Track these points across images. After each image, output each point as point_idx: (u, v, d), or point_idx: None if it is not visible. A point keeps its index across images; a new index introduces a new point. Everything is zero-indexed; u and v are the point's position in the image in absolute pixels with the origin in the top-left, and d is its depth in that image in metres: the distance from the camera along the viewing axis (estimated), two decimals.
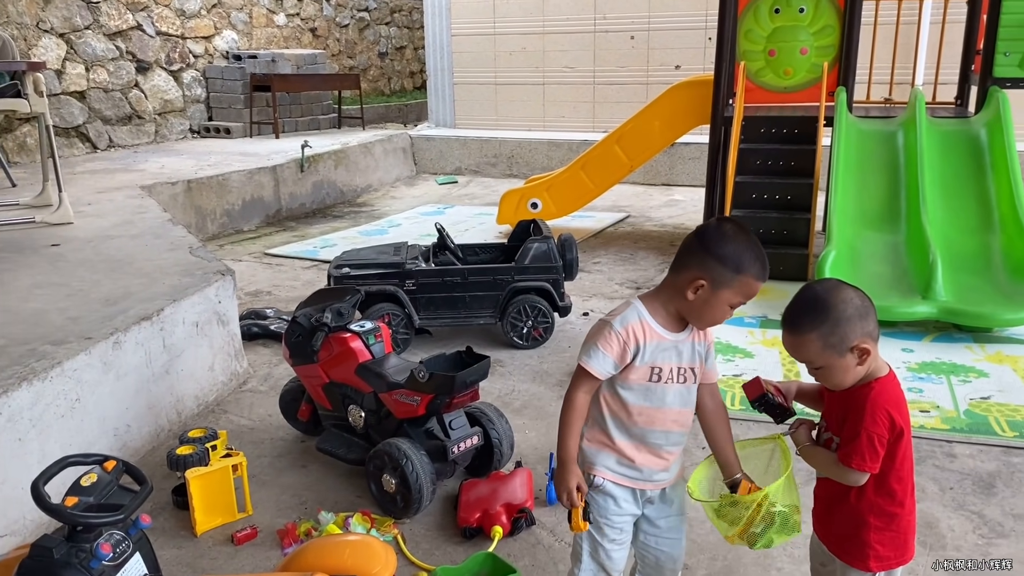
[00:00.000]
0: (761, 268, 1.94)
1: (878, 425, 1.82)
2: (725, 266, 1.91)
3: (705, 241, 1.95)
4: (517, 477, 3.01)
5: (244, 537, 2.86)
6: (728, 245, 1.92)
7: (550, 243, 4.56)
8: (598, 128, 10.09)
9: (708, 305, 1.95)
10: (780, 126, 6.14)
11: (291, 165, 8.47)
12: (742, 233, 1.95)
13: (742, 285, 1.93)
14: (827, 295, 1.86)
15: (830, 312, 1.83)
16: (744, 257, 1.91)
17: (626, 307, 2.02)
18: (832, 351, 1.84)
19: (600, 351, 1.97)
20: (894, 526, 1.92)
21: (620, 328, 1.96)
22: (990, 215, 5.13)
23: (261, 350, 4.65)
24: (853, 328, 1.83)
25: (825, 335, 1.83)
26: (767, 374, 4.10)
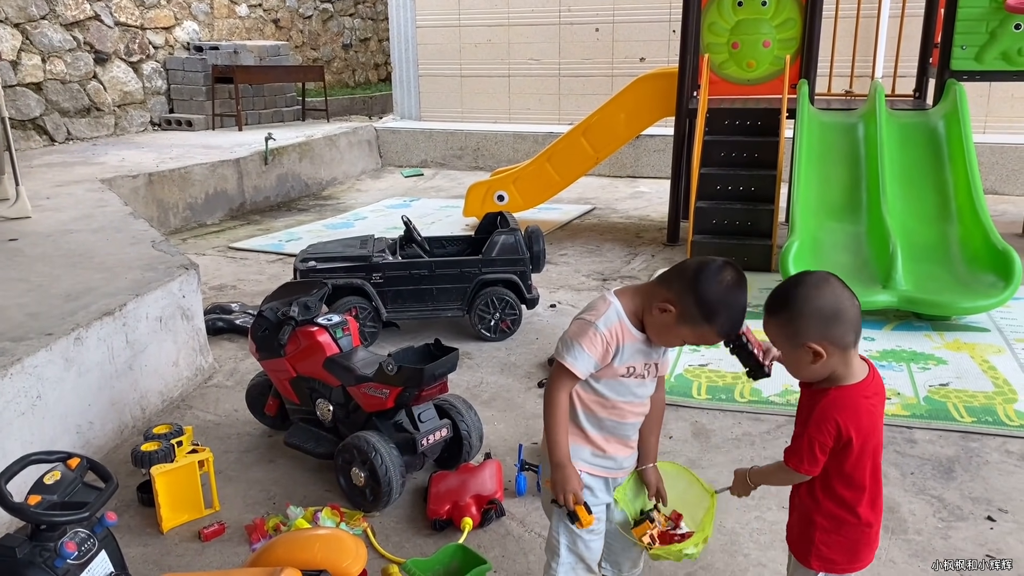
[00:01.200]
0: (730, 327, 1.94)
1: (821, 432, 1.82)
2: (699, 309, 1.90)
3: (699, 277, 1.91)
4: (486, 469, 3.02)
5: (211, 533, 2.84)
6: (715, 293, 1.90)
7: (517, 235, 4.57)
8: (564, 120, 10.11)
9: (664, 329, 1.97)
10: (743, 118, 6.20)
11: (255, 158, 8.37)
12: (736, 288, 1.91)
13: (704, 332, 1.94)
14: (795, 289, 1.85)
15: (790, 306, 1.83)
16: (721, 313, 1.91)
17: (604, 305, 2.00)
18: (786, 342, 1.86)
19: (584, 352, 1.96)
20: (844, 532, 1.91)
21: (604, 330, 1.97)
22: (948, 205, 5.23)
23: (227, 345, 4.60)
24: (809, 327, 1.81)
25: (781, 325, 1.86)
26: (732, 363, 4.15)
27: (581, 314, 2.03)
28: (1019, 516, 2.85)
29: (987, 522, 2.82)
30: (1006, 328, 4.56)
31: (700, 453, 3.34)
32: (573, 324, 2.03)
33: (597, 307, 2.01)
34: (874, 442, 1.87)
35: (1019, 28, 5.47)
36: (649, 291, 2.00)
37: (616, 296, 2.02)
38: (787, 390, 3.83)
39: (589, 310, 2.02)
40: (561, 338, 2.03)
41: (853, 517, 1.90)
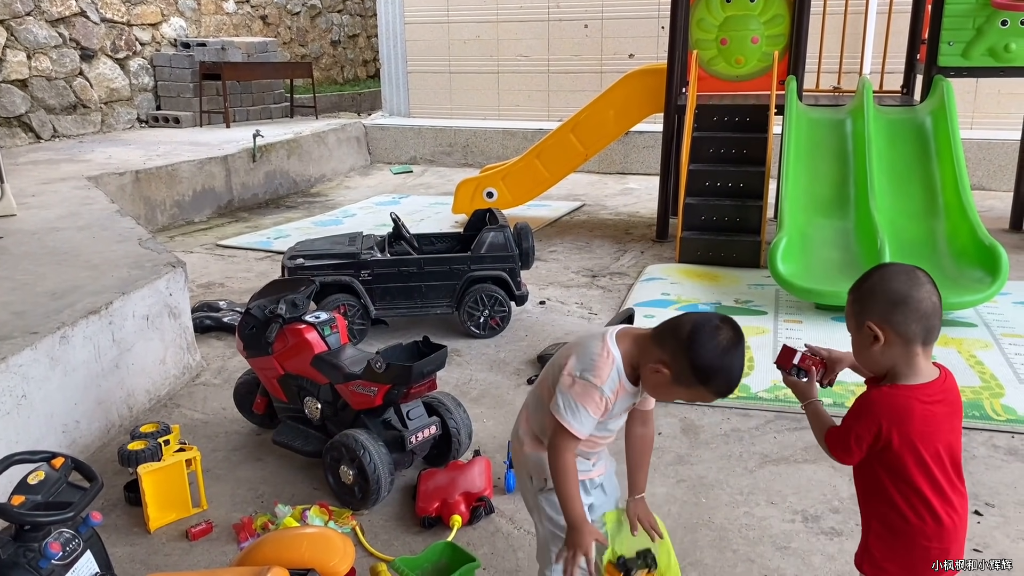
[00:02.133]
0: (727, 389, 1.91)
1: (860, 424, 1.78)
2: (693, 372, 1.88)
3: (693, 339, 1.88)
4: (475, 466, 3.01)
5: (199, 532, 2.82)
6: (709, 357, 1.87)
7: (506, 232, 4.56)
8: (553, 117, 10.10)
9: (660, 388, 1.97)
10: (732, 114, 6.21)
11: (243, 155, 8.33)
12: (732, 351, 1.89)
13: (699, 393, 1.93)
14: (877, 270, 1.84)
15: (865, 283, 1.82)
16: (717, 376, 1.88)
17: (608, 364, 1.96)
18: (853, 319, 1.83)
19: (589, 415, 1.96)
20: (901, 541, 1.83)
21: (609, 394, 1.96)
22: (935, 201, 5.25)
23: (214, 343, 4.58)
24: (873, 306, 1.77)
25: (853, 301, 1.84)
26: None
27: (584, 370, 1.96)
28: (1006, 510, 2.87)
29: (974, 516, 2.83)
30: (993, 323, 4.58)
31: (689, 449, 3.34)
32: (575, 382, 1.96)
33: (600, 366, 1.96)
34: (933, 450, 1.77)
35: (1006, 24, 5.49)
36: (645, 346, 1.97)
37: (617, 345, 1.99)
38: (775, 386, 3.84)
39: (592, 368, 1.96)
40: (562, 392, 1.97)
41: (907, 526, 1.81)
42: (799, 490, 3.04)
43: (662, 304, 4.94)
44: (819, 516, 2.87)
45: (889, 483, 1.81)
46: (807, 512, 2.90)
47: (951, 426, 1.81)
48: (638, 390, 2.02)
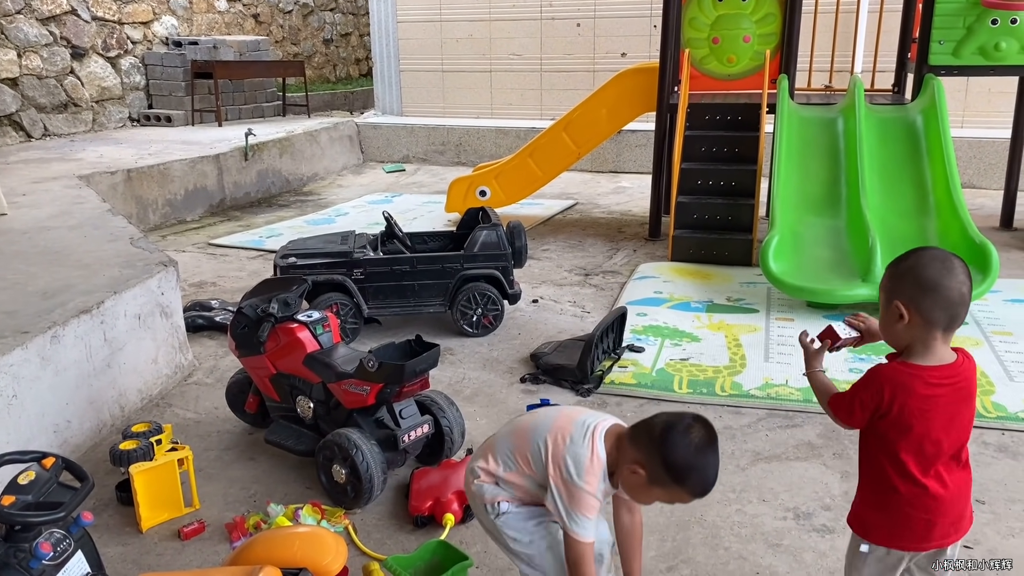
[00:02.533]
0: (703, 488, 1.94)
1: (868, 390, 1.88)
2: (667, 472, 1.92)
3: (665, 440, 1.92)
4: (467, 465, 3.01)
5: (191, 532, 2.82)
6: (683, 457, 1.91)
7: (499, 230, 4.56)
8: (546, 116, 10.10)
9: (637, 489, 2.00)
10: (724, 113, 6.22)
11: (235, 154, 8.31)
12: (705, 449, 1.92)
13: (676, 493, 1.96)
14: (917, 252, 1.89)
15: (903, 263, 1.88)
16: (691, 475, 1.92)
17: (597, 467, 2.00)
18: (885, 294, 1.90)
19: (590, 520, 2.01)
20: (891, 505, 1.93)
21: (601, 496, 2.01)
22: (926, 199, 5.27)
23: (206, 342, 4.57)
24: (904, 287, 1.84)
25: (888, 277, 1.90)
26: (712, 357, 4.18)
27: (574, 475, 2.00)
28: (996, 507, 2.88)
29: None
30: (983, 321, 4.60)
31: None
32: (568, 487, 2.00)
33: (591, 470, 2.00)
34: (925, 429, 1.86)
35: (996, 23, 5.51)
36: (623, 446, 2.01)
37: (603, 445, 2.02)
38: (767, 383, 3.85)
39: (583, 472, 1.99)
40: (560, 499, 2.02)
41: (896, 495, 1.92)
42: (791, 488, 3.05)
43: (654, 302, 4.95)
44: (811, 514, 2.88)
45: (881, 453, 1.91)
46: (799, 509, 2.91)
47: (955, 410, 1.88)
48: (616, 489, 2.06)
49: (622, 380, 3.90)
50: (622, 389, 3.83)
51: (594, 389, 3.82)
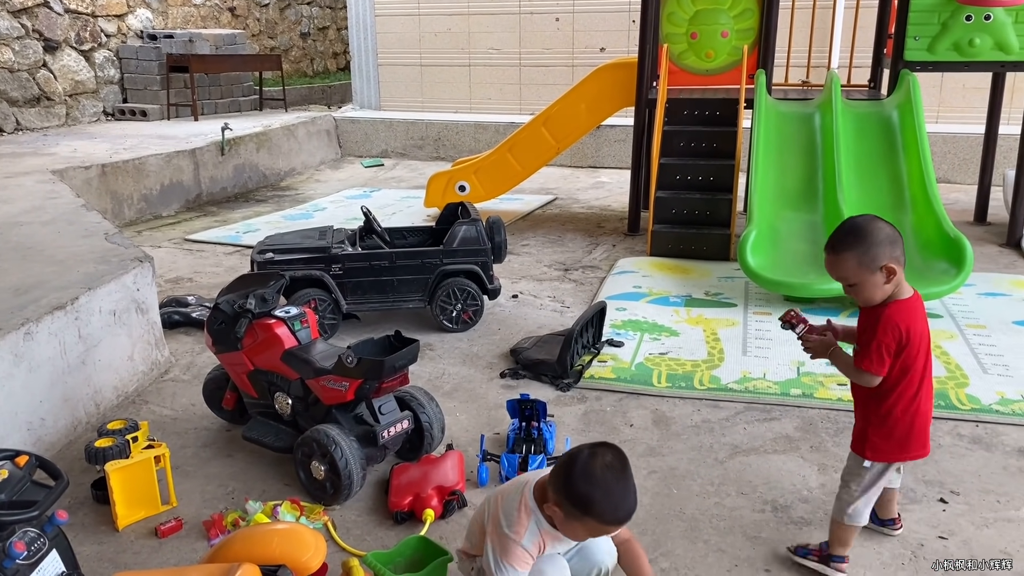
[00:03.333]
0: (613, 514, 1.95)
1: (887, 335, 2.24)
2: (574, 505, 1.94)
3: (566, 471, 1.97)
4: (448, 460, 3.01)
5: (168, 530, 2.79)
6: (584, 486, 1.93)
7: (478, 225, 4.55)
8: (525, 110, 10.09)
9: (563, 527, 2.01)
10: (702, 108, 6.24)
11: (211, 148, 8.24)
12: (607, 472, 1.94)
13: (591, 525, 1.97)
14: (866, 223, 2.26)
15: (867, 236, 2.23)
16: (594, 502, 1.92)
17: (526, 518, 2.03)
18: (865, 269, 2.23)
19: (517, 571, 2.01)
20: (889, 423, 2.35)
21: (530, 547, 2.02)
22: (902, 194, 5.32)
23: (183, 338, 4.53)
24: (883, 251, 2.21)
25: (860, 255, 2.22)
26: (691, 351, 4.20)
27: (504, 526, 2.03)
28: (970, 498, 2.92)
29: (939, 504, 2.88)
30: (958, 314, 4.66)
31: (660, 441, 3.36)
32: (499, 539, 2.04)
33: (520, 520, 2.02)
34: (927, 343, 2.32)
35: (970, 19, 5.56)
36: (545, 490, 2.03)
37: (535, 498, 2.04)
38: (745, 377, 3.87)
39: (512, 523, 2.03)
40: (491, 552, 2.04)
41: (891, 415, 2.34)
42: (769, 480, 3.07)
43: (633, 297, 4.96)
44: (788, 506, 2.91)
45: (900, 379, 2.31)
46: (777, 502, 2.93)
47: (926, 327, 2.34)
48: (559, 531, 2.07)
49: (601, 375, 3.90)
50: (601, 384, 3.83)
51: (573, 384, 3.83)
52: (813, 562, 2.54)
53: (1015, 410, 3.50)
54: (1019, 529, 2.74)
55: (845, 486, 2.49)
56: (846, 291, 2.35)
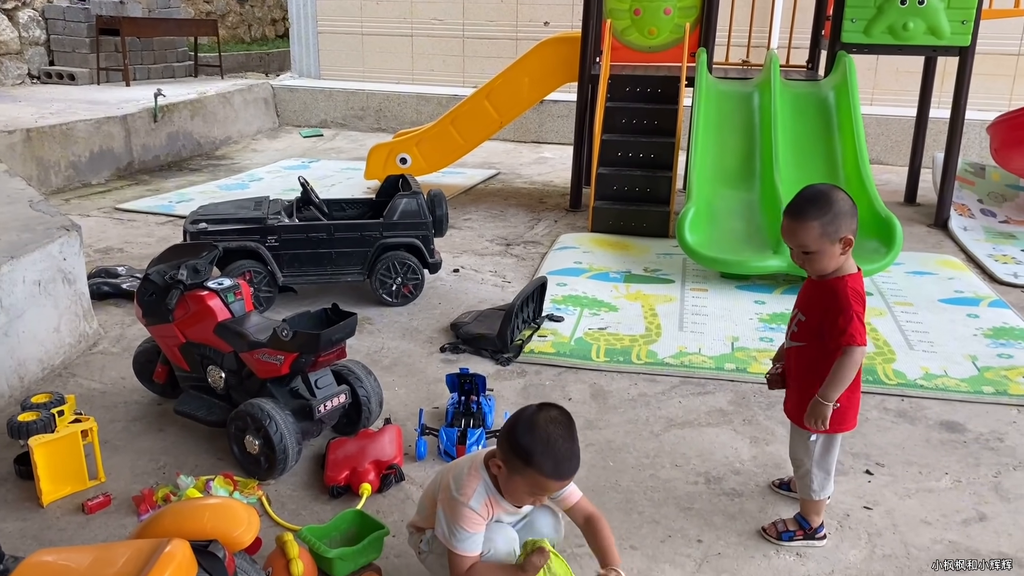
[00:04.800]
0: (553, 467, 1.96)
1: (859, 305, 2.28)
2: (516, 456, 1.97)
3: (512, 423, 2.00)
4: (386, 434, 2.98)
5: (96, 505, 2.72)
6: (527, 436, 1.95)
7: (419, 199, 4.50)
8: (468, 83, 10.01)
9: (506, 486, 2.03)
10: (644, 85, 6.26)
11: (143, 115, 7.98)
12: (550, 425, 1.96)
13: (532, 479, 1.97)
14: (830, 192, 2.27)
15: (832, 206, 2.24)
16: (536, 452, 1.94)
17: (475, 481, 2.04)
18: (826, 239, 2.24)
19: (469, 533, 2.02)
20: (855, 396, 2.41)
21: (478, 507, 2.03)
22: (836, 174, 5.43)
23: (113, 310, 4.40)
24: (847, 221, 2.25)
25: (825, 224, 2.23)
26: (629, 327, 4.23)
27: (453, 490, 2.05)
28: (894, 470, 3.02)
29: (865, 476, 2.97)
30: (887, 292, 4.79)
31: (598, 414, 3.39)
32: (448, 503, 2.05)
33: (468, 483, 2.04)
34: None
35: (904, 3, 5.67)
36: (494, 454, 2.04)
37: (484, 466, 2.06)
38: (681, 352, 3.93)
39: (460, 487, 2.04)
40: (443, 519, 2.05)
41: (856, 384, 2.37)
42: (702, 453, 3.12)
43: (574, 272, 4.98)
44: (721, 478, 2.97)
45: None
46: (710, 474, 2.99)
47: None
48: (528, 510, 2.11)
49: (541, 349, 3.92)
50: (541, 358, 3.85)
51: (513, 358, 3.83)
52: (799, 541, 2.56)
53: (938, 385, 3.62)
54: (939, 499, 2.85)
55: (799, 464, 2.53)
56: (797, 259, 2.35)
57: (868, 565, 2.51)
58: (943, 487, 2.92)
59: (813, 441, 2.47)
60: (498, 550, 2.08)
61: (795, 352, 2.49)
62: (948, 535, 2.65)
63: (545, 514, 2.24)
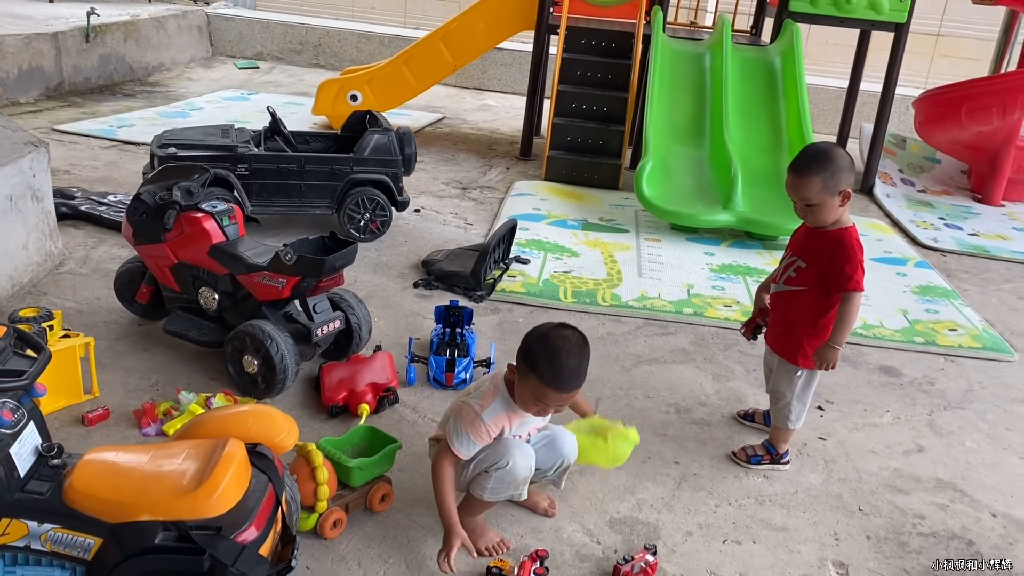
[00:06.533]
0: (553, 376, 2.08)
1: (860, 254, 2.51)
2: (525, 361, 2.12)
3: (529, 334, 2.17)
4: (378, 360, 3.10)
5: (96, 418, 2.76)
6: (535, 344, 2.12)
7: (391, 136, 4.54)
8: (410, 23, 9.93)
9: (517, 390, 2.18)
10: (600, 39, 6.39)
11: (75, 34, 7.63)
12: (561, 341, 2.11)
13: (533, 386, 2.12)
14: (830, 150, 2.51)
15: (832, 162, 2.46)
16: (539, 360, 2.09)
17: (493, 395, 2.18)
18: (827, 192, 2.47)
19: (471, 441, 2.18)
20: (822, 334, 2.62)
21: (489, 422, 2.17)
22: (780, 136, 5.72)
23: (72, 231, 4.32)
24: (845, 176, 2.47)
25: (826, 178, 2.46)
26: (591, 271, 4.42)
27: (471, 397, 2.19)
28: (842, 407, 3.33)
29: (818, 411, 3.26)
30: None
31: None
32: (463, 408, 2.19)
33: (486, 394, 2.18)
34: None
35: None
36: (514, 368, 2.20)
37: (505, 380, 2.20)
38: (643, 296, 4.15)
39: (479, 395, 2.19)
40: (452, 415, 2.21)
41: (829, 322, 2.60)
42: (671, 387, 3.36)
43: (534, 219, 5.13)
44: (690, 409, 3.21)
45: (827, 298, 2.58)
46: (679, 405, 3.23)
47: None
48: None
49: (512, 288, 4.07)
50: (513, 296, 4.01)
51: (486, 296, 3.98)
52: (766, 465, 2.83)
53: (875, 334, 3.96)
54: (882, 433, 3.17)
55: (780, 396, 2.76)
56: (799, 211, 2.58)
57: (827, 487, 2.81)
58: (885, 423, 3.25)
59: (798, 376, 2.71)
60: (517, 464, 2.23)
61: (790, 296, 2.68)
62: (892, 463, 2.97)
63: (564, 435, 2.42)
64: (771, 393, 2.85)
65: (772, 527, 2.58)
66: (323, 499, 2.27)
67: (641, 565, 2.27)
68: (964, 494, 2.83)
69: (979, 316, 4.30)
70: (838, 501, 2.73)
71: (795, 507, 2.68)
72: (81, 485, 1.77)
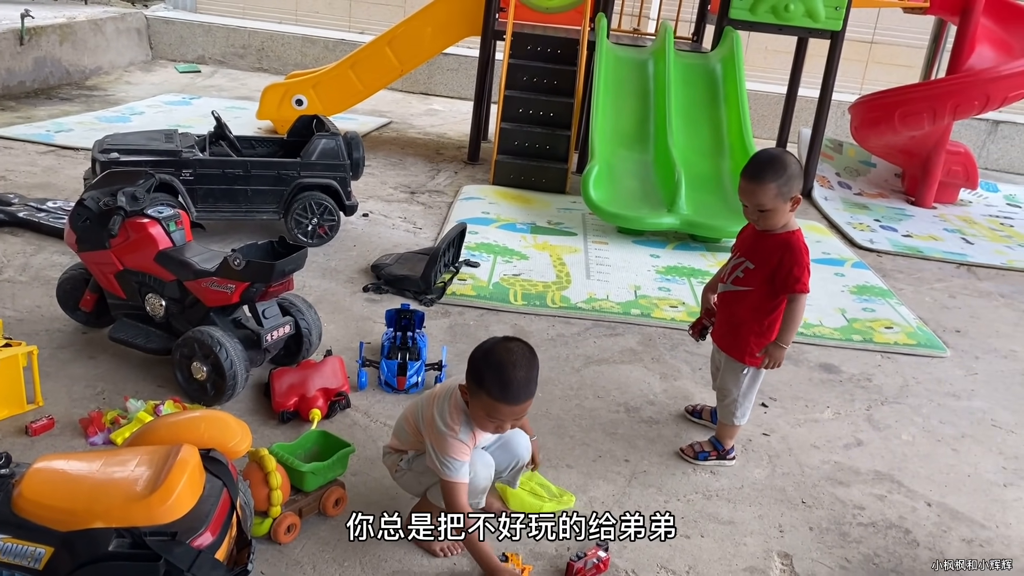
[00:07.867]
0: (502, 390, 2.08)
1: (806, 257, 2.60)
2: (473, 379, 2.13)
3: (475, 351, 2.16)
4: (329, 364, 3.10)
5: (41, 428, 2.71)
6: (482, 359, 2.12)
7: (339, 140, 4.53)
8: (354, 28, 9.89)
9: (473, 411, 2.18)
10: (545, 45, 6.45)
11: (8, 36, 7.44)
12: (507, 354, 2.11)
13: (484, 402, 2.12)
14: (783, 156, 2.57)
15: (787, 169, 2.53)
16: (489, 376, 2.09)
17: (457, 414, 2.18)
18: (780, 198, 2.55)
19: (460, 462, 2.17)
20: (768, 333, 2.72)
21: (465, 439, 2.18)
22: (721, 141, 5.85)
23: (10, 239, 4.22)
24: (797, 183, 2.56)
25: (781, 185, 2.53)
26: (540, 274, 4.47)
27: (440, 425, 2.18)
28: (785, 404, 3.43)
29: (762, 408, 3.36)
30: None
31: None
32: (437, 437, 2.18)
33: (453, 418, 2.18)
34: None
35: None
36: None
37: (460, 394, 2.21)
38: (591, 298, 4.21)
39: (447, 421, 2.18)
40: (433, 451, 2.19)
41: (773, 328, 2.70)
42: (620, 386, 3.42)
43: (483, 222, 5.16)
44: (639, 408, 3.28)
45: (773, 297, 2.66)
46: (628, 404, 3.29)
47: None
48: None
49: (463, 292, 4.10)
50: (463, 300, 4.03)
51: (437, 299, 4.00)
52: (713, 461, 2.90)
53: (815, 333, 4.09)
54: (823, 428, 3.28)
55: (727, 394, 2.84)
56: (750, 215, 2.64)
57: (771, 481, 2.89)
58: (826, 418, 3.35)
59: (744, 374, 2.79)
60: (478, 474, 2.27)
61: (737, 296, 2.75)
62: (834, 457, 3.08)
63: (518, 435, 2.45)
64: (718, 391, 2.92)
65: (719, 521, 2.65)
66: (277, 504, 2.26)
67: (594, 561, 2.31)
68: (901, 485, 2.94)
69: (913, 314, 4.47)
70: (782, 494, 2.82)
71: (741, 501, 2.76)
72: (31, 494, 1.75)
